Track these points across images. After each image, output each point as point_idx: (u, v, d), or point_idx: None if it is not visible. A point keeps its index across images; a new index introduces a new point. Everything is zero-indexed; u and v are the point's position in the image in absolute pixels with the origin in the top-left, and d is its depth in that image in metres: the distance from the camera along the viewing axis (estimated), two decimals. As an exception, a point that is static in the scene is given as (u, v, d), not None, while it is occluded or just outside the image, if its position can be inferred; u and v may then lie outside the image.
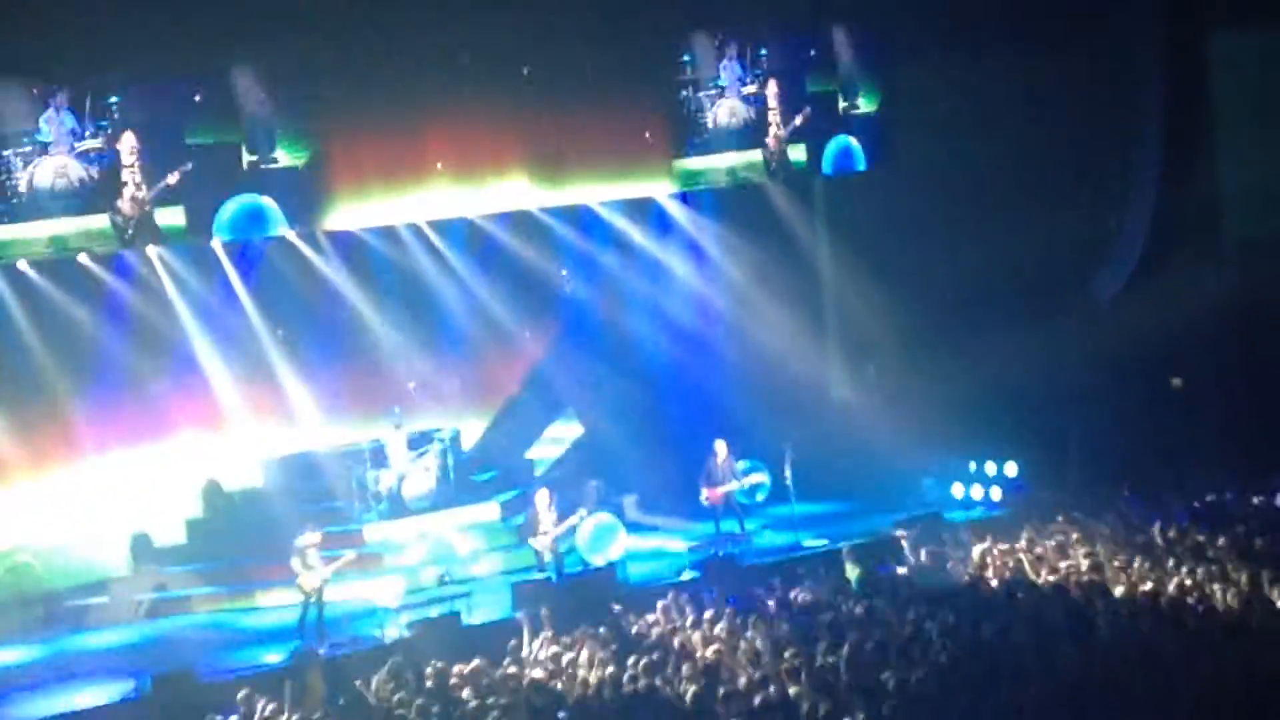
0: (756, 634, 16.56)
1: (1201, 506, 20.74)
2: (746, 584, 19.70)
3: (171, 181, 21.10)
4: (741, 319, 26.23)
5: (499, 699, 15.43)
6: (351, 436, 24.45)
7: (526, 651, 17.37)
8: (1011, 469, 23.84)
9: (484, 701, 15.39)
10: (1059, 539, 19.44)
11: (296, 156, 22.06)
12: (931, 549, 19.82)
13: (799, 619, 17.29)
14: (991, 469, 23.99)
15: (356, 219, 23.20)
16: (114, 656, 20.64)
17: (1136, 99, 25.73)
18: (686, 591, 19.14)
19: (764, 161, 24.94)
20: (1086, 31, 24.73)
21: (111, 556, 23.08)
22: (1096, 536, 19.40)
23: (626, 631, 17.67)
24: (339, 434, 24.64)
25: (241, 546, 23.09)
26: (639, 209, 25.67)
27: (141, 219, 21.22)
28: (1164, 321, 23.74)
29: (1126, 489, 21.68)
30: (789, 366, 25.78)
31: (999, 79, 24.21)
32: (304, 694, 16.78)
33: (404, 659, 17.18)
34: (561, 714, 14.91)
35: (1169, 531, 18.97)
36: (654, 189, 25.27)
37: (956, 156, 24.67)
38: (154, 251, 22.63)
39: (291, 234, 22.93)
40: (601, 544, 22.51)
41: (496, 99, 23.05)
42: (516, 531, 23.13)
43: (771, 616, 17.50)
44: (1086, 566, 17.87)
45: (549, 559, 21.69)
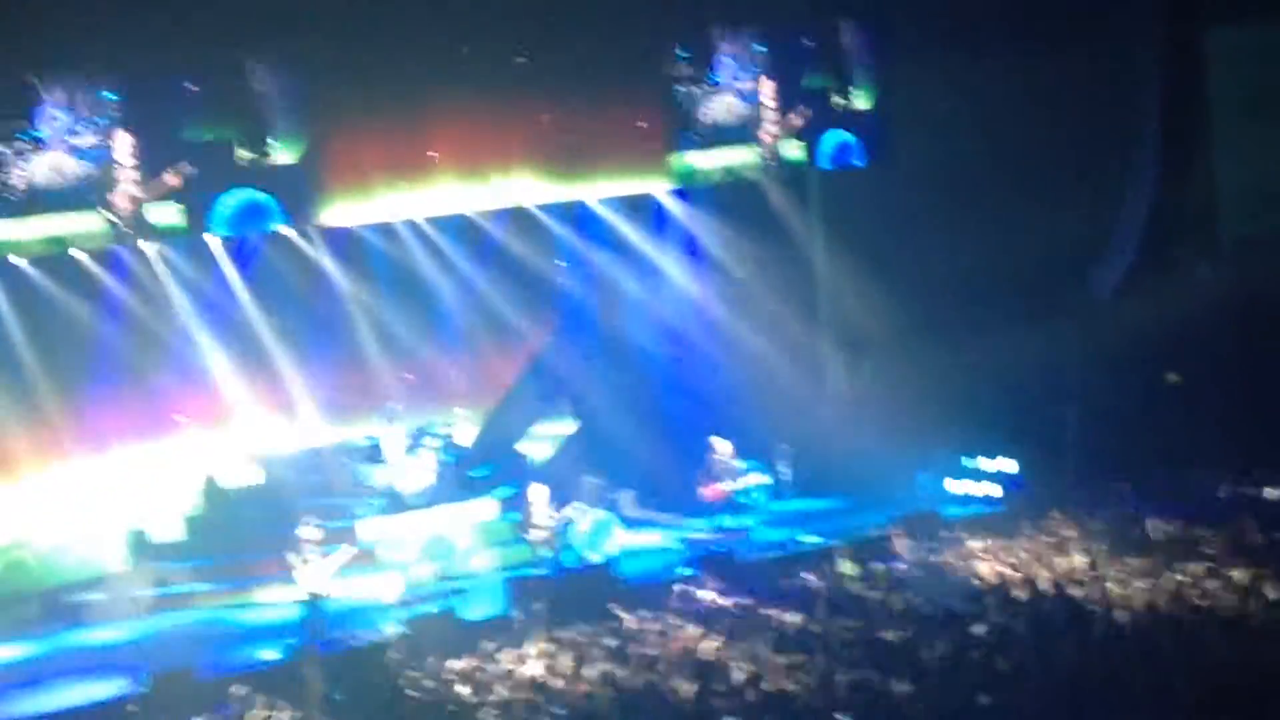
0: (752, 631, 16.57)
1: (1199, 502, 20.75)
2: (743, 580, 19.69)
3: (166, 179, 21.07)
4: (738, 315, 26.20)
5: (495, 695, 15.45)
6: (349, 433, 24.43)
7: (523, 648, 17.37)
8: (1009, 465, 23.84)
9: (481, 698, 15.41)
10: (1056, 536, 19.45)
11: (292, 152, 22.03)
12: (928, 546, 19.83)
13: (795, 615, 17.29)
14: (989, 465, 23.99)
15: (352, 215, 23.18)
16: (111, 653, 20.61)
17: (1134, 96, 25.74)
18: (682, 588, 19.12)
19: (760, 157, 24.93)
20: (1084, 29, 24.72)
21: (109, 553, 23.04)
22: (1094, 533, 19.40)
23: (622, 627, 17.66)
24: (336, 430, 24.63)
25: (239, 543, 23.03)
26: (635, 205, 25.66)
27: (137, 215, 21.19)
28: (1161, 318, 23.76)
29: (1124, 485, 21.68)
30: (785, 362, 25.77)
31: (996, 76, 24.19)
32: (301, 690, 16.81)
33: (402, 655, 17.18)
34: (557, 710, 14.92)
35: (1166, 528, 18.98)
36: (650, 185, 25.26)
37: (953, 153, 24.66)
38: (150, 247, 22.59)
39: (287, 229, 22.90)
40: (598, 541, 22.52)
41: (493, 96, 23.04)
42: (513, 527, 23.12)
43: (768, 613, 17.50)
44: (1084, 563, 17.87)
45: (546, 553, 21.70)
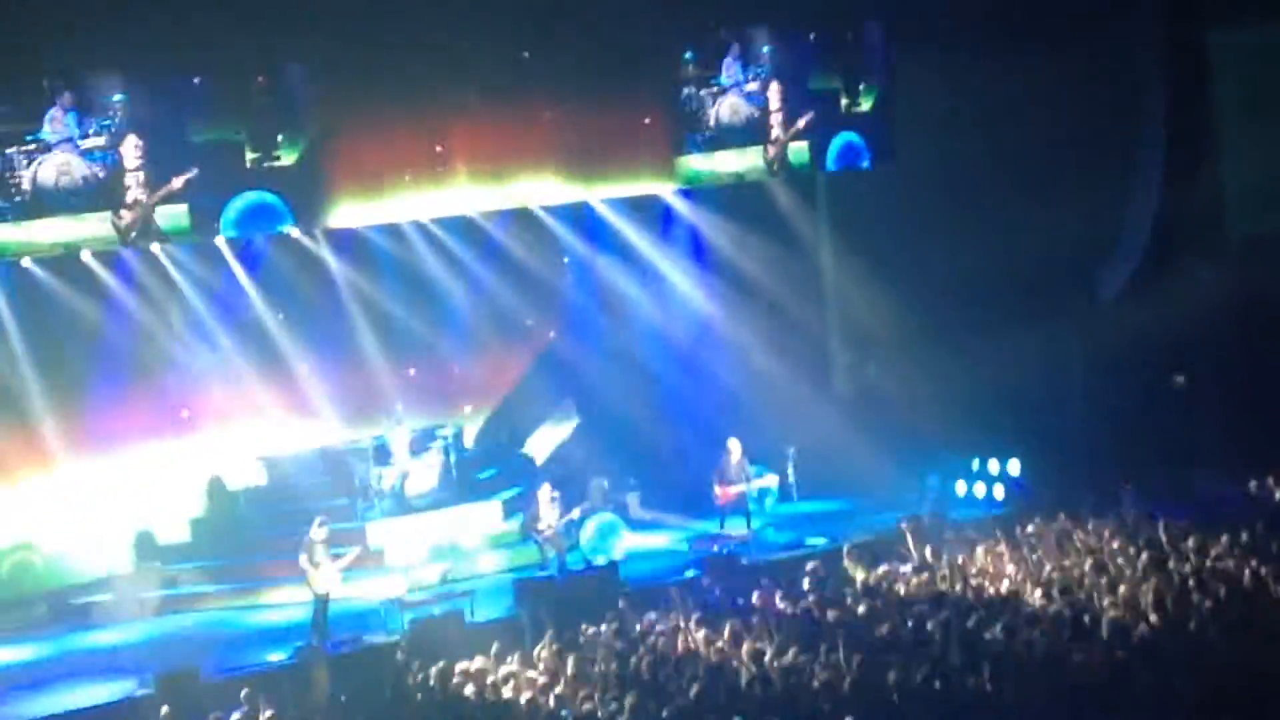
0: (759, 633, 16.58)
1: (1204, 504, 20.74)
2: (749, 582, 19.70)
3: (176, 186, 21.11)
4: (744, 316, 26.23)
5: (501, 697, 15.47)
6: (355, 434, 24.47)
7: (529, 649, 17.38)
8: (1014, 467, 23.85)
9: (487, 699, 15.43)
10: (1061, 538, 19.44)
11: (299, 154, 22.06)
12: (934, 548, 19.84)
13: (801, 617, 17.30)
14: (994, 467, 24.00)
15: (358, 216, 23.21)
16: (118, 654, 20.64)
17: (1139, 98, 25.74)
18: (689, 590, 19.14)
19: (766, 159, 24.95)
20: (1089, 29, 24.72)
21: (116, 554, 23.09)
22: (1099, 535, 19.39)
23: (629, 630, 17.67)
24: (343, 431, 24.68)
25: (245, 544, 23.12)
26: (641, 207, 25.68)
27: (145, 217, 21.23)
28: (1166, 319, 23.76)
29: (1129, 487, 21.67)
30: (791, 363, 25.79)
31: (1002, 78, 24.19)
32: (308, 691, 16.84)
33: (408, 656, 17.21)
34: (565, 713, 14.94)
35: (1171, 529, 18.97)
36: (656, 187, 25.28)
37: (959, 155, 24.67)
38: (158, 249, 22.63)
39: (294, 231, 22.95)
40: (604, 542, 22.56)
41: (500, 98, 23.06)
42: (519, 528, 23.14)
43: (774, 615, 17.51)
44: (1089, 565, 17.87)
45: (552, 555, 21.74)
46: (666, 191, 25.51)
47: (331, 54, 21.73)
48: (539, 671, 16.32)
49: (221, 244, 22.96)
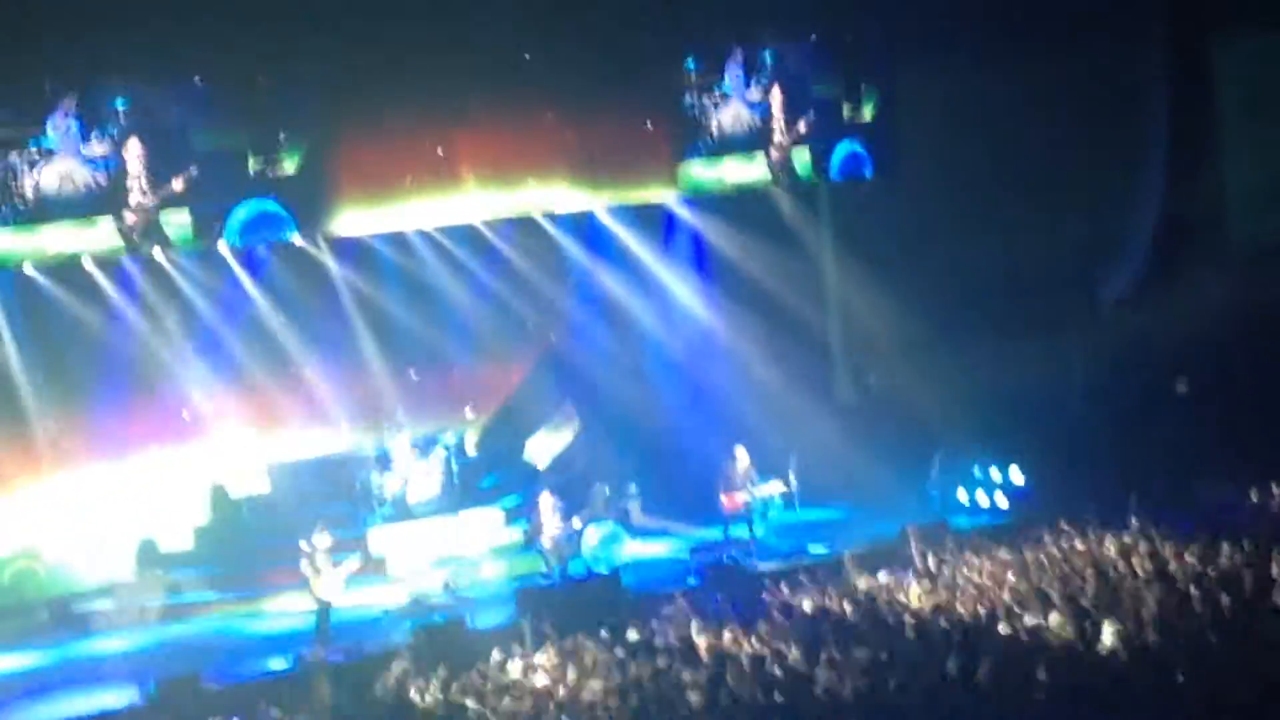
0: (760, 640, 16.56)
1: (1207, 512, 20.71)
2: (751, 590, 19.69)
3: (176, 188, 21.10)
4: (747, 324, 26.21)
5: (503, 705, 15.45)
6: (357, 441, 24.48)
7: (531, 657, 17.37)
8: (1017, 475, 23.82)
9: (487, 707, 15.42)
10: (1064, 545, 19.42)
11: (301, 161, 22.06)
12: (937, 556, 19.82)
13: (803, 625, 17.28)
14: (997, 475, 23.98)
15: (361, 224, 23.22)
16: (120, 662, 20.64)
17: (1141, 101, 25.74)
18: (690, 598, 19.13)
19: (769, 167, 24.94)
20: (1091, 35, 24.73)
21: (118, 561, 23.09)
22: (1101, 542, 19.37)
23: (630, 638, 17.66)
24: (345, 439, 24.69)
25: (247, 552, 23.13)
26: (644, 215, 25.66)
27: (148, 224, 21.25)
28: (1170, 326, 23.73)
29: (1132, 495, 21.64)
30: (794, 371, 25.77)
31: (1004, 85, 24.22)
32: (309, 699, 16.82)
33: (409, 664, 17.19)
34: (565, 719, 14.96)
35: (1175, 539, 18.94)
36: (659, 195, 25.27)
37: (962, 162, 24.68)
38: (161, 256, 22.65)
39: (297, 239, 22.96)
40: (606, 551, 22.54)
41: (503, 106, 23.07)
42: (521, 536, 23.13)
43: (776, 623, 17.49)
44: (1091, 573, 17.85)
45: (554, 563, 21.72)
46: (669, 199, 25.50)
47: (333, 60, 21.74)
48: (540, 679, 16.31)
49: (225, 251, 22.96)
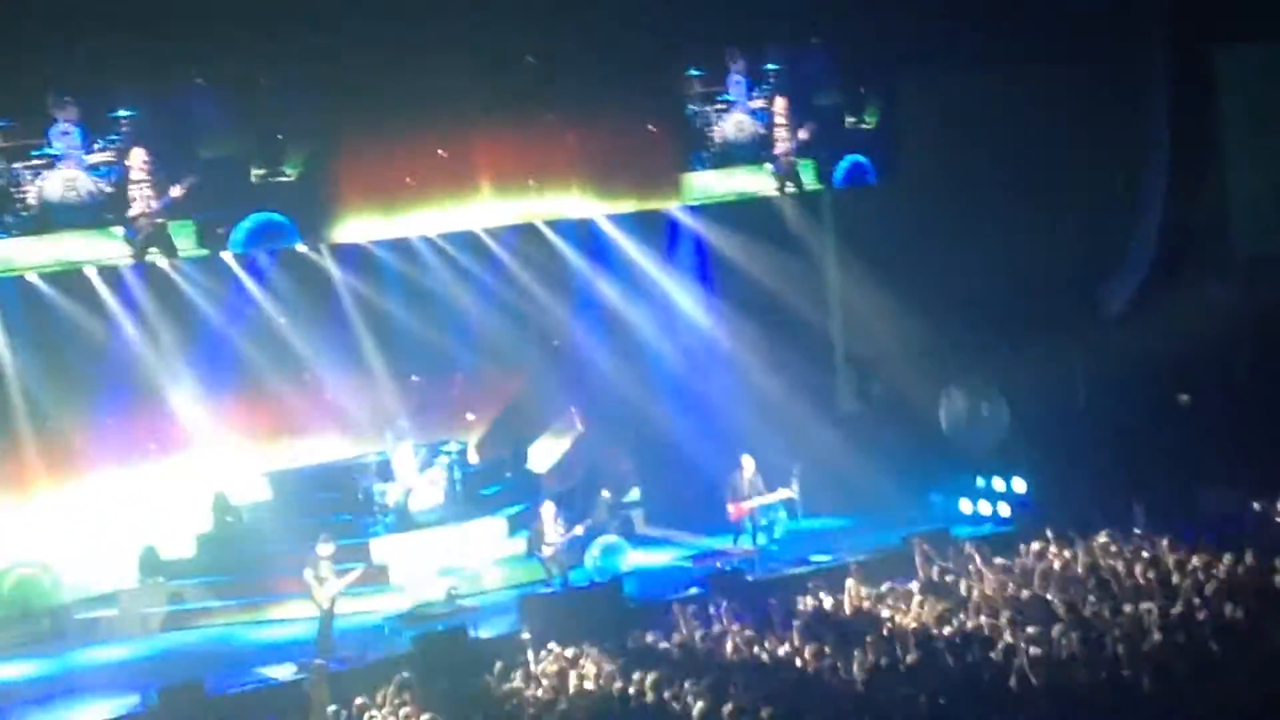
0: (764, 649, 16.56)
1: (1209, 522, 20.69)
2: (754, 598, 19.68)
3: (176, 194, 21.08)
4: (749, 332, 26.19)
5: (505, 712, 15.46)
6: (360, 450, 24.48)
7: (533, 666, 17.36)
8: (1019, 484, 23.82)
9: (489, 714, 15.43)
10: (1066, 555, 19.40)
11: (303, 168, 22.05)
12: (940, 565, 19.81)
13: (806, 634, 17.27)
14: (1000, 485, 23.97)
15: (364, 231, 23.21)
16: (122, 670, 20.66)
17: (1144, 111, 25.71)
18: (693, 606, 19.12)
19: (772, 175, 24.95)
20: (1093, 45, 24.72)
21: (120, 569, 23.09)
22: (1104, 552, 19.36)
23: (632, 646, 17.65)
24: (347, 447, 24.69)
25: (250, 560, 23.11)
26: (646, 223, 25.64)
27: (151, 232, 21.23)
28: (1172, 335, 23.70)
29: (1135, 505, 21.63)
30: (797, 380, 25.75)
31: (1006, 93, 24.21)
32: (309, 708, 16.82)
33: (411, 673, 17.19)
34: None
35: (1178, 548, 18.92)
36: (661, 203, 25.26)
37: (964, 171, 24.66)
38: (164, 264, 22.63)
39: (300, 246, 22.96)
40: (609, 561, 22.53)
41: (505, 114, 23.05)
42: (524, 544, 23.14)
43: (779, 631, 17.48)
44: (1093, 583, 17.84)
45: (556, 572, 21.73)
46: (673, 207, 25.49)
47: (335, 65, 21.72)
48: (541, 688, 16.31)
49: (228, 259, 22.96)
